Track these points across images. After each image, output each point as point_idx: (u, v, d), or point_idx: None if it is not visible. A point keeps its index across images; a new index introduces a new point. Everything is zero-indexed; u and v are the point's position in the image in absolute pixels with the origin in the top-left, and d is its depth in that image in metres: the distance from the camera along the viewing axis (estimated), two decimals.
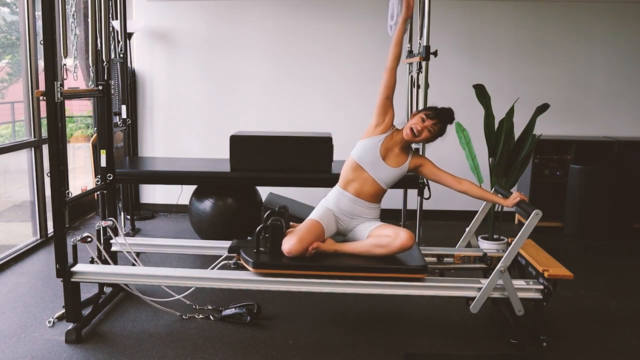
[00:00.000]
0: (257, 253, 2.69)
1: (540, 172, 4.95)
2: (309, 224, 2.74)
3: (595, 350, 2.68)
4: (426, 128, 2.75)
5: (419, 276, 2.60)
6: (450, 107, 2.83)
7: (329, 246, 2.74)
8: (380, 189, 2.82)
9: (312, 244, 2.65)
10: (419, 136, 2.76)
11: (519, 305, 2.56)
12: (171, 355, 2.55)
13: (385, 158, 2.79)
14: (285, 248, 2.63)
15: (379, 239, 2.68)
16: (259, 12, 5.01)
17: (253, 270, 2.63)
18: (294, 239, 2.62)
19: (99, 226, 3.04)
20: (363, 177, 2.79)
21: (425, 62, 3.71)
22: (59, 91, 2.57)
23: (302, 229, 2.69)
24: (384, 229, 2.72)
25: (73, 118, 5.26)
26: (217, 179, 3.98)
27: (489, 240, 4.02)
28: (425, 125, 2.75)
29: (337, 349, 2.64)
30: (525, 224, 2.50)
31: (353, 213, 2.82)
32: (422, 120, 2.77)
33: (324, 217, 2.80)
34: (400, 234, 2.63)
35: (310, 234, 2.68)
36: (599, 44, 4.99)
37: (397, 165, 2.80)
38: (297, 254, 2.62)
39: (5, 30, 4.39)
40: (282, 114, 5.14)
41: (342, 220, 2.84)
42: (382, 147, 2.78)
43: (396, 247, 2.62)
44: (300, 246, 2.61)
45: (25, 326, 2.83)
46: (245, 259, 2.67)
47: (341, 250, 2.74)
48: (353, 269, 2.61)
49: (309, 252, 2.64)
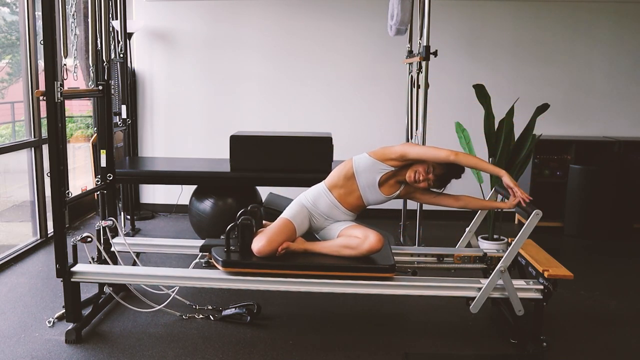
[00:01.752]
0: (228, 252, 2.69)
1: (540, 172, 4.95)
2: (280, 224, 2.72)
3: (595, 350, 2.68)
4: (427, 180, 2.72)
5: (387, 275, 2.61)
6: (460, 161, 2.66)
7: (298, 245, 2.73)
8: (363, 204, 2.83)
9: (282, 244, 2.65)
10: (417, 184, 2.74)
11: (519, 305, 2.56)
12: (171, 355, 2.55)
13: (381, 186, 2.79)
14: (254, 248, 2.63)
15: (349, 239, 2.68)
16: (259, 12, 5.01)
17: (222, 269, 2.64)
18: (263, 240, 2.62)
19: (99, 226, 3.04)
20: (352, 188, 2.79)
21: (425, 62, 3.71)
22: (59, 91, 2.57)
23: (272, 229, 2.69)
24: (354, 230, 2.71)
25: (73, 118, 5.26)
26: (217, 179, 3.98)
27: (489, 240, 4.02)
28: (429, 177, 2.71)
29: (337, 349, 2.64)
30: (526, 224, 2.50)
31: (329, 215, 2.82)
32: (426, 172, 2.71)
33: (297, 215, 2.78)
34: (370, 237, 2.62)
35: (281, 234, 2.67)
36: (599, 44, 4.99)
37: (389, 193, 2.81)
38: (266, 254, 2.62)
39: (5, 30, 4.39)
40: (282, 114, 5.14)
41: (316, 219, 2.83)
42: (383, 176, 2.77)
43: (364, 249, 2.62)
44: (269, 247, 2.61)
45: (25, 326, 2.83)
46: (215, 258, 2.68)
47: (311, 249, 2.74)
48: (322, 268, 2.62)
49: (278, 252, 2.64)
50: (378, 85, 5.04)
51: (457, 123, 4.27)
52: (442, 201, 2.86)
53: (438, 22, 4.33)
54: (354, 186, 2.78)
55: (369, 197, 2.80)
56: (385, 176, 2.77)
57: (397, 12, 4.04)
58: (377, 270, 2.61)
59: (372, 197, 2.80)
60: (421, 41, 3.77)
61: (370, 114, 5.09)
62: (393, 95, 4.94)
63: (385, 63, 4.97)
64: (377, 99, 5.04)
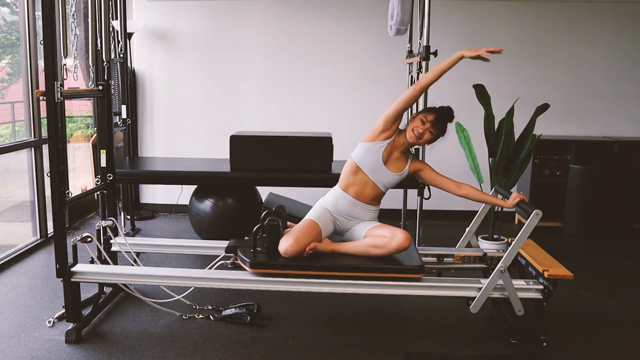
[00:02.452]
0: (254, 253, 2.68)
1: (540, 172, 4.95)
2: (306, 224, 2.73)
3: (595, 350, 2.68)
4: (427, 130, 2.73)
5: (416, 276, 2.61)
6: (449, 105, 2.81)
7: (325, 246, 2.74)
8: (380, 192, 2.83)
9: (309, 244, 2.65)
10: (422, 139, 2.75)
11: (519, 305, 2.56)
12: (171, 355, 2.55)
13: (386, 163, 2.79)
14: (281, 248, 2.63)
15: (376, 239, 2.68)
16: (259, 12, 5.01)
17: (250, 270, 2.63)
18: (290, 240, 2.62)
19: (99, 226, 3.04)
20: (363, 180, 2.79)
21: (425, 62, 3.71)
22: (59, 91, 2.57)
23: (299, 230, 2.69)
24: (381, 229, 2.72)
25: (73, 118, 5.27)
26: (217, 179, 3.98)
27: (489, 240, 4.02)
28: (426, 127, 2.73)
29: (337, 349, 2.64)
30: (525, 224, 2.50)
31: (351, 215, 2.83)
32: (422, 122, 2.74)
33: (322, 217, 2.79)
34: (397, 235, 2.63)
35: (307, 235, 2.67)
36: (599, 44, 4.99)
37: (398, 170, 2.80)
38: (293, 255, 2.61)
39: (5, 30, 4.39)
40: (282, 114, 5.13)
41: (340, 221, 2.84)
42: (384, 152, 2.78)
43: (392, 247, 2.62)
44: (296, 247, 2.61)
45: (25, 326, 2.83)
46: (242, 259, 2.67)
47: (338, 250, 2.74)
48: (350, 269, 2.61)
49: (306, 253, 2.64)
50: (378, 85, 5.04)
51: (457, 123, 4.27)
52: (445, 184, 2.83)
53: (438, 22, 4.33)
54: (364, 177, 2.78)
55: (382, 180, 2.79)
56: (386, 152, 2.78)
57: (397, 12, 4.04)
58: (406, 271, 2.60)
59: (385, 178, 2.79)
60: (421, 41, 3.77)
61: (370, 114, 5.07)
62: (393, 95, 4.85)
63: (385, 63, 4.97)
64: (377, 99, 5.03)
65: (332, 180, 3.26)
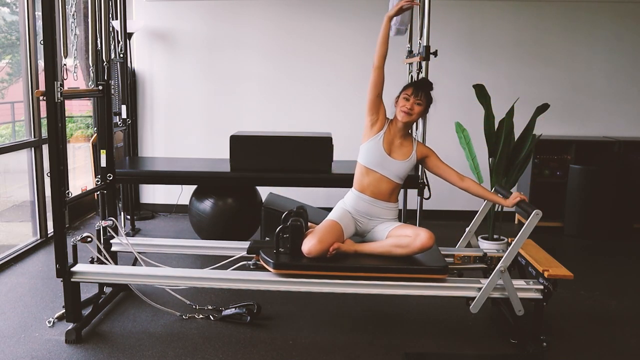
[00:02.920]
0: (277, 254, 2.68)
1: (540, 172, 4.95)
2: (328, 225, 2.73)
3: (595, 350, 2.68)
4: (414, 103, 2.76)
5: (440, 277, 2.60)
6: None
7: (348, 247, 2.73)
8: (395, 184, 2.81)
9: (332, 244, 2.64)
10: (412, 113, 2.76)
11: (519, 305, 2.56)
12: (171, 355, 2.55)
13: (390, 153, 2.79)
14: (305, 248, 2.62)
15: (399, 239, 2.67)
16: (259, 12, 5.01)
17: (274, 271, 2.62)
18: (314, 240, 2.62)
19: (99, 226, 3.04)
20: (376, 178, 2.79)
21: (425, 62, 3.71)
22: (59, 91, 2.57)
23: (321, 230, 2.69)
24: (404, 229, 2.71)
25: (73, 118, 5.26)
26: (217, 179, 3.98)
27: (489, 240, 4.02)
28: (412, 101, 2.76)
29: (337, 349, 2.64)
30: (525, 224, 2.50)
31: (371, 214, 2.82)
32: (406, 100, 2.77)
33: (343, 218, 2.79)
34: (421, 234, 2.62)
35: (330, 235, 2.67)
36: (599, 44, 4.99)
37: (404, 157, 2.80)
38: (317, 255, 2.61)
39: (5, 30, 4.39)
40: (282, 114, 5.13)
41: (361, 222, 2.83)
42: (384, 144, 2.78)
43: (416, 247, 2.61)
44: (320, 247, 2.61)
45: (25, 326, 2.83)
46: (265, 260, 2.66)
47: (361, 250, 2.73)
48: (374, 270, 2.60)
49: (329, 253, 2.64)
50: None
51: (457, 123, 4.27)
52: (449, 174, 2.83)
53: (438, 22, 4.33)
54: (376, 175, 2.78)
55: (393, 171, 2.78)
56: (386, 143, 2.78)
57: None
58: (431, 272, 2.60)
59: (395, 169, 2.78)
60: (421, 41, 3.76)
61: None
62: (393, 95, 4.90)
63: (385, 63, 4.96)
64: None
65: (332, 180, 3.29)
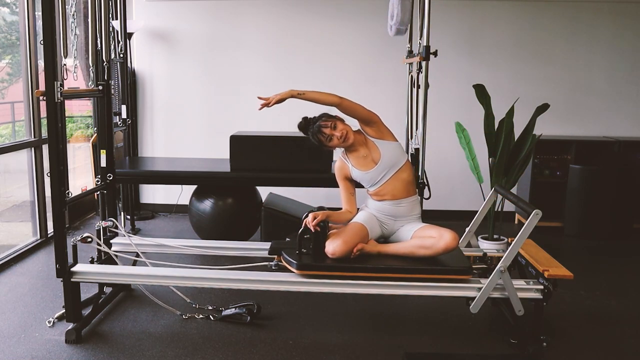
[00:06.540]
0: (300, 254, 2.67)
1: (540, 172, 4.95)
2: (353, 227, 2.74)
3: (595, 350, 2.68)
4: (335, 131, 2.83)
5: (464, 277, 2.60)
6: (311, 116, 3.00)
7: (372, 247, 2.74)
8: (405, 175, 2.81)
9: (356, 245, 2.65)
10: (344, 136, 2.81)
11: (519, 305, 2.56)
12: (171, 355, 2.55)
13: (369, 166, 2.80)
14: (329, 249, 2.62)
15: (423, 240, 2.67)
16: (259, 12, 5.01)
17: (297, 272, 2.62)
18: (339, 241, 2.62)
19: (99, 226, 3.04)
20: (387, 184, 2.80)
21: (425, 62, 3.70)
22: (59, 91, 2.57)
23: (346, 231, 2.69)
24: (428, 230, 2.71)
25: (73, 118, 5.26)
26: (217, 179, 3.98)
27: (489, 240, 4.02)
28: (333, 132, 2.83)
29: (337, 349, 2.64)
30: (525, 224, 2.50)
31: (397, 215, 2.83)
32: (330, 137, 2.82)
33: (369, 220, 2.80)
34: (445, 235, 2.62)
35: (355, 236, 2.67)
36: (599, 44, 4.99)
37: (378, 153, 2.80)
38: (341, 256, 2.61)
39: (5, 30, 4.39)
40: (282, 114, 5.12)
41: (387, 224, 2.84)
42: (361, 168, 2.81)
43: (440, 248, 2.61)
44: (345, 248, 2.60)
45: (25, 326, 2.83)
46: (288, 261, 2.66)
47: (384, 251, 2.73)
48: (397, 271, 2.60)
49: (353, 254, 2.64)
50: (378, 86, 5.03)
51: (457, 123, 4.27)
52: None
53: (438, 22, 4.33)
54: (384, 181, 2.79)
55: (388, 166, 2.78)
56: (360, 166, 2.82)
57: (397, 12, 4.03)
58: (454, 272, 2.60)
59: (386, 164, 2.79)
60: (421, 41, 3.76)
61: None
62: (393, 95, 4.93)
63: (385, 63, 4.97)
64: (377, 99, 5.00)
65: (332, 180, 3.25)
